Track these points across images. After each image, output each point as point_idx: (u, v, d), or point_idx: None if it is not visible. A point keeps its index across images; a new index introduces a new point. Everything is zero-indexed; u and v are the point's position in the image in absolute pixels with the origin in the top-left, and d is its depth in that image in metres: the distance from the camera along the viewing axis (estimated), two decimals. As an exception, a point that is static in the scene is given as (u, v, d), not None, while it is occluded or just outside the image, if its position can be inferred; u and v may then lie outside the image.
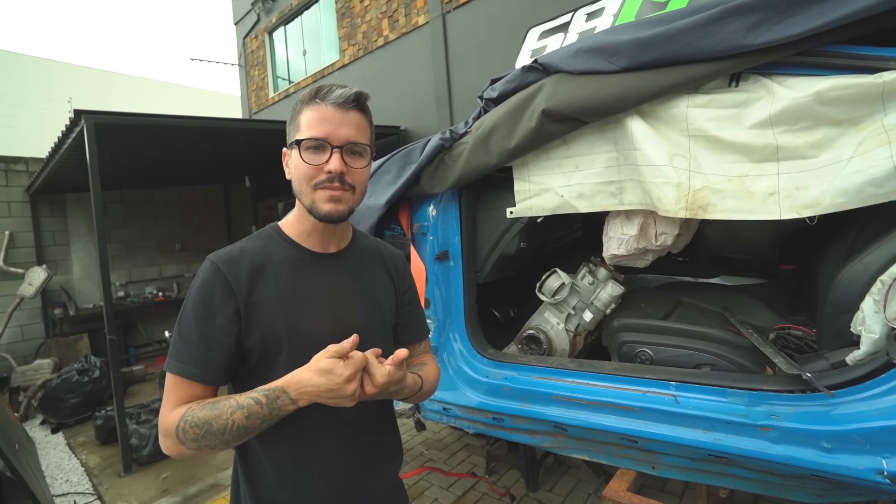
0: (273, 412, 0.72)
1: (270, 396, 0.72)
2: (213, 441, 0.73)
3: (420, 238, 2.00)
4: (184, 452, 0.76)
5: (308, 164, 0.81)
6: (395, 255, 1.05)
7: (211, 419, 0.73)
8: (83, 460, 3.46)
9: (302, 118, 0.82)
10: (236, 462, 0.90)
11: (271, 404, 0.72)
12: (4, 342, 4.94)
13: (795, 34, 1.13)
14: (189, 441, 0.74)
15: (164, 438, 0.77)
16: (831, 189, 1.11)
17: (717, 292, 2.08)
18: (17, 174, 5.31)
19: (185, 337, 0.79)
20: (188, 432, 0.73)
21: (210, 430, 0.73)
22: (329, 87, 0.82)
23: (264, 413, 0.72)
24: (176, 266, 6.78)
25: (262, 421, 0.73)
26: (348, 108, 0.82)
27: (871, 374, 1.08)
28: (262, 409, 0.72)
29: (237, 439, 0.74)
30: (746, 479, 1.37)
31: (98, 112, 3.19)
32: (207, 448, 0.74)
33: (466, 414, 1.90)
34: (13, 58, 14.60)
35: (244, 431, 0.73)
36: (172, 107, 15.08)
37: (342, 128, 0.81)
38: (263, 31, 8.50)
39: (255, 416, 0.72)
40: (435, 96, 5.36)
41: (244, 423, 0.72)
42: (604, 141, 1.50)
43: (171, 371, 0.79)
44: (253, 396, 0.73)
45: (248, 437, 0.76)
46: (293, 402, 0.72)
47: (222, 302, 0.79)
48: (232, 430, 0.72)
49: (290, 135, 0.85)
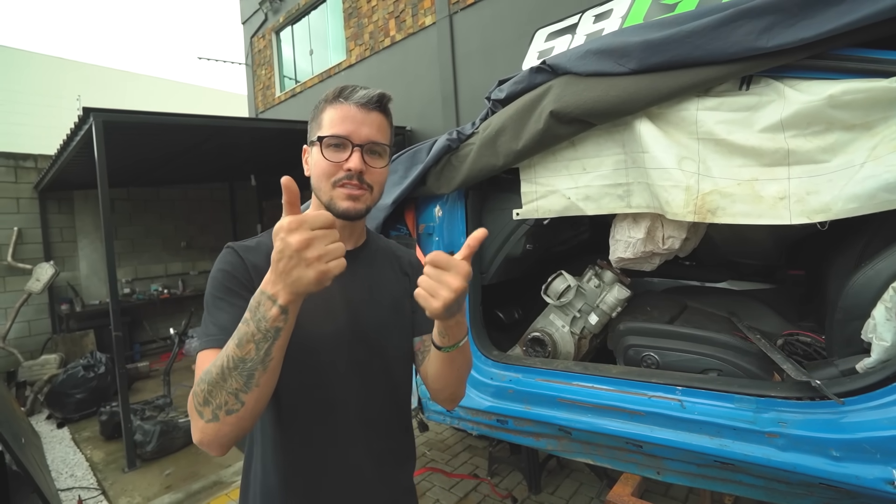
0: (260, 325, 0.62)
1: (252, 306, 0.63)
2: (221, 396, 0.63)
3: (426, 239, 2.00)
4: (206, 431, 0.65)
5: (328, 161, 0.81)
6: (410, 254, 1.04)
7: (212, 367, 0.64)
8: (88, 455, 3.48)
9: (325, 116, 0.83)
10: (247, 459, 0.89)
11: (255, 315, 0.62)
12: (12, 337, 4.99)
13: (808, 37, 1.11)
14: (201, 407, 0.65)
15: (192, 424, 0.67)
16: (843, 194, 1.09)
17: (724, 297, 2.06)
18: (25, 171, 5.35)
19: (213, 312, 0.76)
20: (198, 396, 0.65)
21: (212, 379, 0.63)
22: (353, 88, 0.83)
23: (251, 330, 0.62)
24: (181, 264, 6.82)
25: (254, 345, 0.62)
26: (371, 108, 0.83)
27: (881, 382, 1.07)
28: (248, 326, 0.62)
29: (244, 384, 0.63)
30: (752, 486, 1.36)
31: (106, 110, 3.21)
32: (223, 412, 0.63)
33: (470, 415, 1.89)
34: (22, 55, 14.76)
35: (243, 368, 0.62)
36: (179, 105, 15.17)
37: (364, 127, 0.81)
38: (271, 31, 8.54)
39: (245, 338, 0.62)
40: (441, 97, 5.36)
41: (237, 353, 0.62)
42: (612, 143, 1.49)
43: (201, 348, 0.74)
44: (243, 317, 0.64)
45: (258, 379, 0.63)
46: (271, 299, 0.61)
47: (245, 278, 0.78)
48: (231, 371, 0.62)
49: (312, 132, 0.86)
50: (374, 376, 0.88)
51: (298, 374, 0.81)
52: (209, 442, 0.66)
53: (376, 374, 0.89)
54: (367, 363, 0.87)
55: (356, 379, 0.86)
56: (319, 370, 0.83)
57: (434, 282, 0.68)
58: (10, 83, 14.11)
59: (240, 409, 0.63)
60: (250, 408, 0.64)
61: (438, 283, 0.67)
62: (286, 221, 0.59)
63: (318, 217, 0.60)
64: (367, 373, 0.87)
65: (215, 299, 0.77)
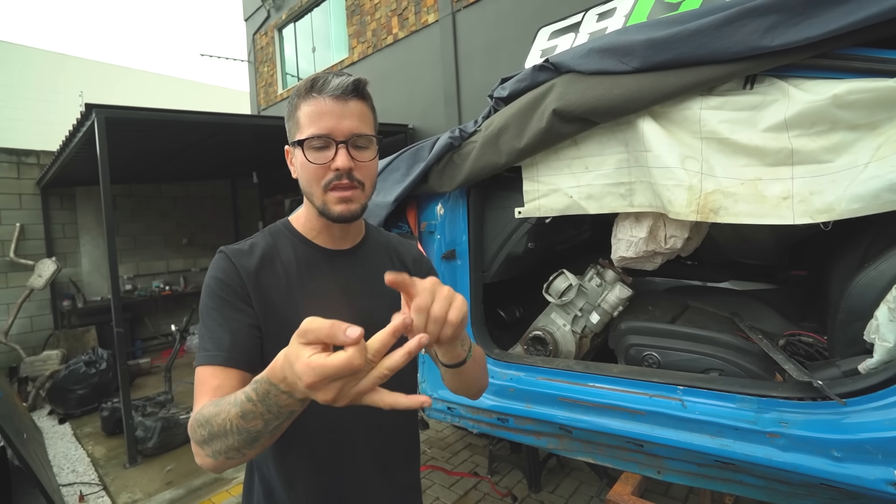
0: (271, 408, 0.55)
1: (259, 391, 0.56)
2: (221, 446, 0.60)
3: (427, 237, 2.00)
4: (206, 462, 0.63)
5: (314, 165, 0.76)
6: (411, 246, 1.01)
7: (212, 417, 0.60)
8: (89, 451, 3.49)
9: (300, 114, 0.78)
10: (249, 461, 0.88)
11: (264, 400, 0.55)
12: (14, 333, 5.00)
13: (813, 36, 1.11)
14: (201, 443, 0.62)
15: (192, 445, 0.65)
16: (847, 194, 1.09)
17: (726, 297, 2.06)
18: (28, 167, 5.36)
19: (209, 326, 0.74)
20: (196, 432, 0.63)
21: (213, 431, 0.60)
22: (325, 78, 0.76)
23: (260, 410, 0.56)
24: (183, 260, 6.83)
25: (263, 421, 0.57)
26: (348, 98, 0.76)
27: (884, 383, 1.06)
28: (255, 406, 0.56)
29: (247, 444, 0.59)
30: (753, 486, 1.36)
31: (109, 106, 3.21)
32: (223, 457, 0.61)
33: (471, 414, 1.89)
34: (22, 51, 14.72)
35: (248, 434, 0.58)
36: (182, 102, 15.14)
37: (344, 121, 0.76)
38: (273, 28, 8.53)
39: (251, 415, 0.56)
40: (444, 95, 5.35)
41: (242, 423, 0.57)
42: (615, 142, 1.49)
43: (198, 364, 0.71)
44: (245, 391, 0.58)
45: (262, 442, 0.60)
46: (286, 393, 0.53)
47: (238, 286, 0.77)
48: (233, 434, 0.58)
49: (291, 132, 0.81)
50: None
51: None
52: (209, 469, 0.66)
53: None
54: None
55: None
56: None
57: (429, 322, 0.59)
58: (10, 79, 14.07)
59: (240, 459, 0.62)
60: (251, 455, 0.62)
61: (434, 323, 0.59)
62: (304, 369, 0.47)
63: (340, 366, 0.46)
64: None
65: (209, 310, 0.75)
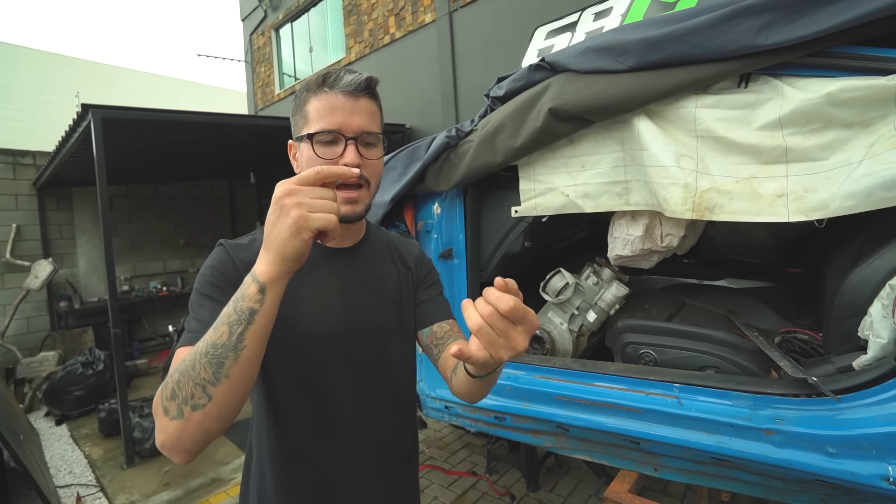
0: (238, 305, 0.58)
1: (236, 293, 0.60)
2: (188, 387, 0.57)
3: (424, 236, 2.00)
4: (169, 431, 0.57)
5: (322, 160, 0.75)
6: (412, 245, 1.00)
7: (186, 357, 0.59)
8: (86, 452, 3.48)
9: (310, 108, 0.76)
10: (246, 461, 0.88)
11: (236, 295, 0.59)
12: (10, 334, 4.98)
13: (807, 35, 1.11)
14: (167, 402, 0.57)
15: (156, 426, 0.59)
16: (841, 192, 1.09)
17: (722, 295, 2.07)
18: (24, 167, 5.34)
19: (195, 309, 0.72)
20: (166, 389, 0.58)
21: (183, 369, 0.58)
22: (337, 73, 0.76)
23: (228, 311, 0.58)
24: (180, 261, 6.80)
25: (228, 328, 0.57)
26: (359, 95, 0.76)
27: (878, 379, 1.07)
28: (227, 307, 0.59)
29: (212, 375, 0.56)
30: (749, 482, 1.36)
31: (105, 106, 3.20)
32: (188, 407, 0.56)
33: (469, 412, 1.90)
34: (18, 51, 14.67)
35: (213, 354, 0.56)
36: (179, 102, 15.12)
37: (354, 117, 0.75)
38: (270, 28, 8.52)
39: (221, 319, 0.58)
40: (441, 94, 5.36)
41: (211, 336, 0.58)
42: (610, 141, 1.49)
43: (180, 345, 0.68)
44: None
45: (227, 370, 0.57)
46: (252, 275, 0.59)
47: (233, 276, 0.75)
48: (202, 358, 0.57)
49: (298, 126, 0.79)
50: (374, 377, 0.85)
51: (294, 375, 0.79)
52: (172, 444, 0.58)
53: (377, 374, 0.86)
54: (366, 363, 0.84)
55: (355, 379, 0.83)
56: (316, 371, 0.80)
57: (498, 335, 0.55)
58: (6, 79, 14.00)
59: (206, 405, 0.56)
60: (218, 404, 0.57)
61: (504, 337, 0.55)
62: (280, 185, 0.59)
63: (306, 173, 0.60)
64: (367, 373, 0.84)
65: (200, 296, 0.74)
